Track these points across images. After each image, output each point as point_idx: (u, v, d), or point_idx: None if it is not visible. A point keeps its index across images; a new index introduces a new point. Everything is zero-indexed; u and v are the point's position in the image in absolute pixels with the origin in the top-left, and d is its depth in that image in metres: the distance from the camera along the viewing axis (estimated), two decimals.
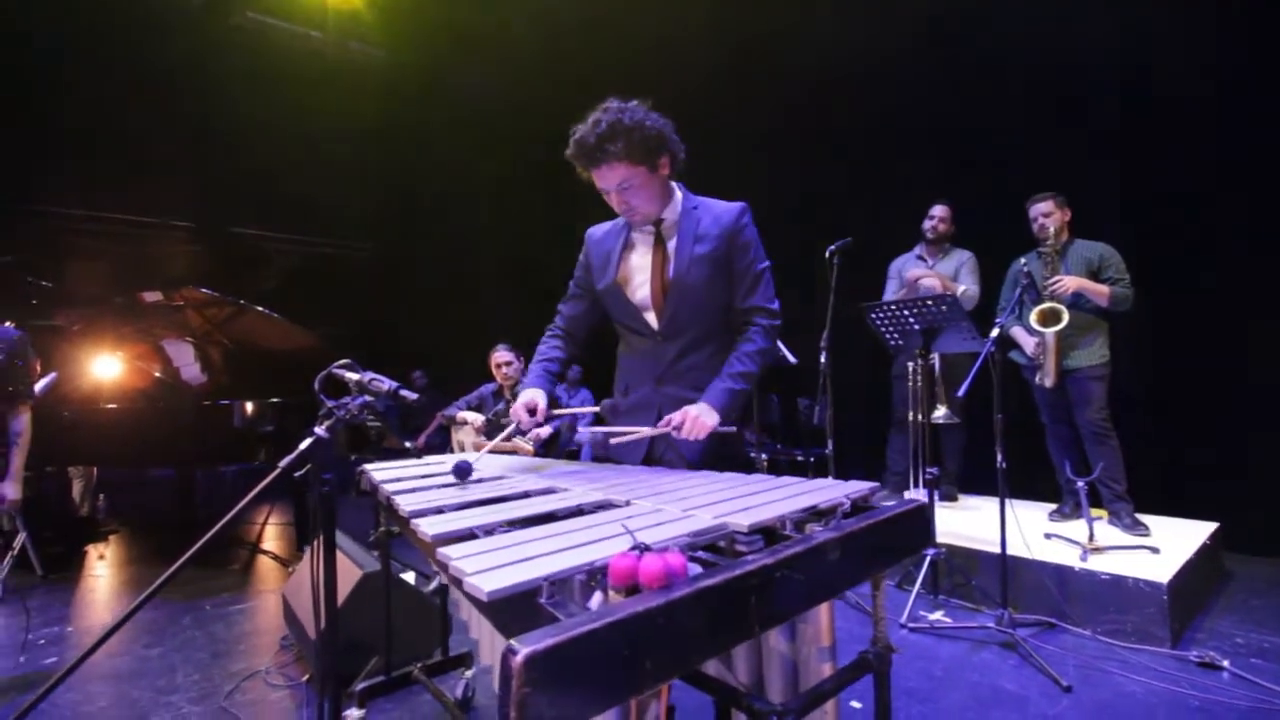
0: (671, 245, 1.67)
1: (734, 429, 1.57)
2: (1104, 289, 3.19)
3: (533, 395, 1.69)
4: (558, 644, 0.62)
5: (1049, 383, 3.27)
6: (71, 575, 4.01)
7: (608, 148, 1.49)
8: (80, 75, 6.35)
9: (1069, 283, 3.18)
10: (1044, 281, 3.24)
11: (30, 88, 6.23)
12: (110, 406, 4.07)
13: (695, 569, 0.84)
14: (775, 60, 5.25)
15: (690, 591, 0.74)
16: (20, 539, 3.87)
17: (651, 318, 1.70)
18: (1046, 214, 3.33)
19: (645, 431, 1.64)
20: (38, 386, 2.75)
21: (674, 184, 1.69)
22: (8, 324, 2.51)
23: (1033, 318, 3.24)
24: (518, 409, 1.66)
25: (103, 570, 4.15)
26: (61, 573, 4.02)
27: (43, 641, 2.97)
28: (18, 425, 2.47)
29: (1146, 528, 3.14)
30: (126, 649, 2.83)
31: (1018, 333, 3.45)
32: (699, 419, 1.51)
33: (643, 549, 0.80)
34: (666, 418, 1.55)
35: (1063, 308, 3.16)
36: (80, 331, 4.45)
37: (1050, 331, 3.20)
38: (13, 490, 2.42)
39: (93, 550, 4.55)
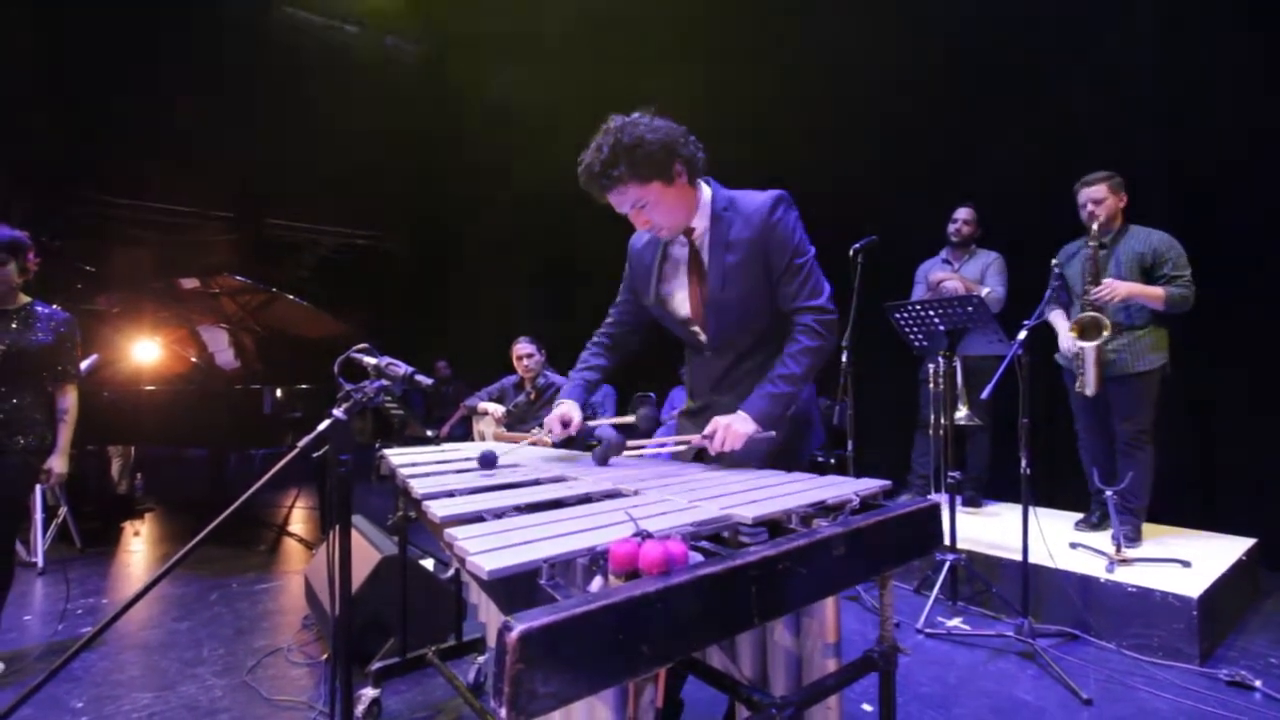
0: (706, 259, 1.58)
1: (773, 434, 1.47)
2: (1158, 292, 2.82)
3: (568, 408, 1.66)
4: (553, 623, 0.63)
5: (1089, 391, 3.03)
6: (108, 549, 4.17)
7: (611, 173, 1.42)
8: (132, 71, 6.58)
9: (1119, 289, 2.83)
10: (1085, 285, 2.92)
11: (92, 84, 6.49)
12: (148, 388, 4.22)
13: (697, 558, 0.84)
14: (806, 56, 5.19)
15: (689, 579, 0.75)
16: (62, 513, 4.05)
17: (698, 332, 1.66)
18: (1097, 200, 2.94)
19: (668, 444, 1.56)
20: (82, 366, 2.87)
21: (701, 183, 1.58)
22: (55, 306, 2.62)
23: (1071, 329, 2.98)
24: (552, 419, 1.64)
25: (138, 546, 4.30)
26: (99, 547, 4.18)
27: (80, 611, 3.10)
28: (65, 403, 2.58)
29: (1138, 544, 3.01)
30: (157, 621, 2.94)
31: (1055, 318, 3.15)
32: (731, 428, 1.43)
33: (644, 536, 0.81)
34: (703, 432, 1.48)
35: (1104, 319, 2.84)
36: (120, 315, 4.61)
37: (1090, 345, 2.89)
38: (60, 465, 2.53)
39: (129, 526, 4.72)
